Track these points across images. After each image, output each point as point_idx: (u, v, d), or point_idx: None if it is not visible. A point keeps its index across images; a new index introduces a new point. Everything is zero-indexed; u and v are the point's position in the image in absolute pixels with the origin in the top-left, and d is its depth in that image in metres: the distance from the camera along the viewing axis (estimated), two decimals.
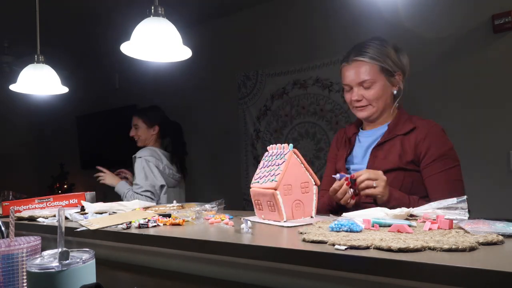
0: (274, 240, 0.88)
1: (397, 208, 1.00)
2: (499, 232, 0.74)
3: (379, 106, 1.40)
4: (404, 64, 1.42)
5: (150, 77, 4.29)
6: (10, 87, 1.94)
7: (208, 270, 0.97)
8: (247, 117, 3.85)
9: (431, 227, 0.83)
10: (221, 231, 1.01)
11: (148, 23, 1.40)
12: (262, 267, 0.86)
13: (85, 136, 5.45)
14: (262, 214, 1.14)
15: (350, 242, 0.71)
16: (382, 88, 1.38)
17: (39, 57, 1.92)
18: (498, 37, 2.55)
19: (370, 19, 2.99)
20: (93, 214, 1.39)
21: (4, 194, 2.14)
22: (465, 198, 0.89)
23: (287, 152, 1.11)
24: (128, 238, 1.06)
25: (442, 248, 0.65)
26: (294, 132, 3.55)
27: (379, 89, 1.37)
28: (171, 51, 1.55)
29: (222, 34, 4.04)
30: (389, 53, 1.38)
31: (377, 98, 1.38)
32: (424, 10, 2.77)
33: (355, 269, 0.66)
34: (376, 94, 1.37)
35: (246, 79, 3.85)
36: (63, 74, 2.17)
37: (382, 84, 1.37)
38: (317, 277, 0.77)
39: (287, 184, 1.06)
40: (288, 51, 3.52)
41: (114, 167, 2.86)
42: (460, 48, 2.69)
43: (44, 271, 0.70)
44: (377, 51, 1.37)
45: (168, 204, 1.68)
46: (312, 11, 3.40)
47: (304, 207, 1.09)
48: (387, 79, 1.38)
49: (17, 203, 1.59)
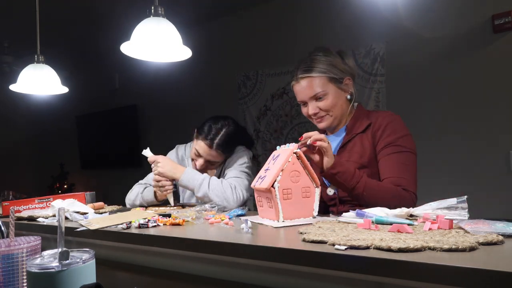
0: (274, 240, 0.88)
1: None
2: (499, 232, 0.74)
3: (336, 114, 1.43)
4: (351, 68, 1.46)
5: (150, 77, 4.29)
6: (10, 87, 1.94)
7: (208, 270, 0.97)
8: (247, 117, 3.85)
9: (431, 227, 0.83)
10: (221, 231, 1.01)
11: (148, 23, 1.40)
12: (262, 267, 0.86)
13: (85, 136, 5.46)
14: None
15: (350, 242, 0.71)
16: (335, 97, 1.41)
17: (39, 57, 1.92)
18: (498, 37, 2.55)
19: (370, 19, 2.99)
20: (93, 214, 1.39)
21: (4, 194, 2.14)
22: (465, 198, 0.89)
23: (286, 149, 1.12)
24: (128, 238, 1.06)
25: (442, 248, 0.65)
26: (294, 132, 3.55)
27: (332, 98, 1.40)
28: (171, 51, 1.55)
29: (222, 34, 4.04)
30: (334, 62, 1.41)
31: (332, 107, 1.41)
32: (424, 10, 2.77)
33: (355, 269, 0.66)
34: (330, 103, 1.40)
35: (246, 79, 3.85)
36: (63, 74, 2.17)
37: (333, 93, 1.41)
38: (317, 277, 0.77)
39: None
40: (288, 51, 3.52)
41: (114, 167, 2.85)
42: (460, 48, 2.69)
43: (44, 271, 0.70)
44: (322, 63, 1.40)
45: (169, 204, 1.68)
46: (313, 11, 3.40)
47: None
48: (337, 87, 1.42)
49: (17, 203, 1.59)
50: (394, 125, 1.36)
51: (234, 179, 1.59)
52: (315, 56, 1.42)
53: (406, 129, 1.37)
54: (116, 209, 1.60)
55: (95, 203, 1.60)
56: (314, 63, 1.41)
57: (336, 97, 1.41)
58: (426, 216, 0.93)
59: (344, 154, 1.41)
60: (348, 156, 1.39)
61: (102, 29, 4.09)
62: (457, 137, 2.71)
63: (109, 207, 1.64)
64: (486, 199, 2.50)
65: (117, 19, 3.66)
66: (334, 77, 1.40)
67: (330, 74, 1.39)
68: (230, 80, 3.96)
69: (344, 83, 1.43)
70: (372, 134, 1.37)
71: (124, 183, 3.31)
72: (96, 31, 4.19)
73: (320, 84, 1.39)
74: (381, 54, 3.01)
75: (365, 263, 0.65)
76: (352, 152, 1.39)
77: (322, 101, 1.40)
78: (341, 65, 1.42)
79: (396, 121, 1.37)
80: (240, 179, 1.60)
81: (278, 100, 3.63)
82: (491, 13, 2.55)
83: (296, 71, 1.45)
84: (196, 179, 1.55)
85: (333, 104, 1.41)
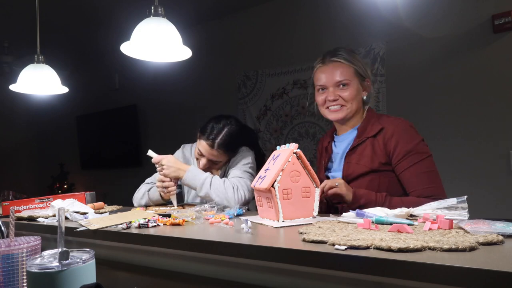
0: (274, 240, 0.88)
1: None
2: (499, 232, 0.74)
3: (353, 107, 1.43)
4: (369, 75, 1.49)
5: (150, 77, 4.29)
6: (10, 87, 1.94)
7: (208, 270, 0.97)
8: (247, 117, 3.85)
9: (431, 227, 0.83)
10: (221, 231, 1.01)
11: (148, 23, 1.40)
12: (262, 267, 0.86)
13: (85, 136, 5.46)
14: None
15: (350, 242, 0.71)
16: (357, 90, 1.43)
17: (39, 57, 1.92)
18: (498, 37, 2.55)
19: (370, 19, 2.99)
20: (93, 214, 1.39)
21: (4, 194, 2.14)
22: (465, 198, 0.89)
23: (286, 149, 1.12)
24: (128, 238, 1.06)
25: (442, 248, 0.65)
26: (294, 132, 3.55)
27: (354, 90, 1.41)
28: (171, 51, 1.55)
29: (222, 34, 4.04)
30: (359, 60, 1.45)
31: (352, 98, 1.42)
32: (424, 10, 2.77)
33: (355, 269, 0.66)
34: (351, 94, 1.41)
35: (246, 79, 3.85)
36: (63, 74, 2.17)
37: (356, 86, 1.42)
38: (317, 277, 0.77)
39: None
40: (288, 51, 3.53)
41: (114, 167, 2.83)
42: (460, 48, 2.69)
43: (44, 271, 0.70)
44: (353, 56, 1.44)
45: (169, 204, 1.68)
46: (312, 11, 3.40)
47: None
48: (360, 82, 1.44)
49: (17, 203, 1.59)
50: (408, 133, 1.35)
51: (237, 179, 1.58)
52: (349, 49, 1.46)
53: (419, 135, 1.37)
54: (116, 209, 1.60)
55: (95, 203, 1.60)
56: (348, 53, 1.43)
57: (357, 91, 1.43)
58: (426, 216, 0.93)
59: (354, 156, 1.40)
60: (357, 159, 1.38)
61: (102, 29, 4.09)
62: (457, 137, 2.71)
63: (109, 207, 1.64)
64: (486, 199, 2.50)
65: (117, 19, 3.66)
66: (359, 71, 1.42)
67: (357, 67, 1.42)
68: (230, 80, 3.96)
69: (366, 82, 1.45)
70: (384, 141, 1.36)
71: (124, 183, 3.31)
72: (96, 31, 4.19)
73: (348, 73, 1.41)
74: (381, 54, 3.01)
75: (365, 263, 0.65)
76: (362, 156, 1.38)
77: (344, 90, 1.41)
78: (366, 65, 1.46)
79: (409, 128, 1.37)
80: (242, 179, 1.59)
81: (278, 100, 3.63)
82: (491, 13, 2.55)
83: (323, 56, 1.46)
84: (198, 178, 1.54)
85: (353, 96, 1.41)
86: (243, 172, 1.63)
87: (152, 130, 4.74)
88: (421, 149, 1.32)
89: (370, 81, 1.47)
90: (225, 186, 1.52)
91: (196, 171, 1.58)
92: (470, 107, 2.66)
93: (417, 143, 1.33)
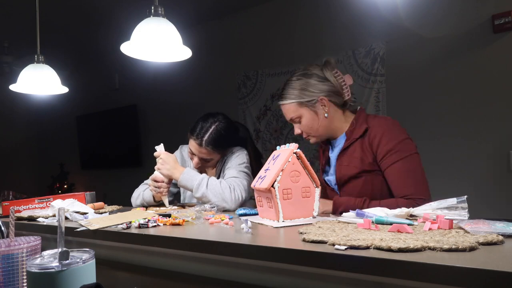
0: (274, 240, 0.88)
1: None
2: (499, 232, 0.74)
3: (319, 133, 1.46)
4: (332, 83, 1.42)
5: (150, 77, 4.30)
6: (10, 87, 1.94)
7: (208, 270, 0.97)
8: (247, 117, 3.85)
9: (431, 227, 0.83)
10: (221, 231, 1.01)
11: (148, 23, 1.40)
12: (262, 267, 0.86)
13: (85, 136, 5.46)
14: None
15: (350, 242, 0.71)
16: (310, 119, 1.43)
17: (39, 57, 1.92)
18: (498, 37, 2.55)
19: (370, 19, 2.99)
20: (93, 214, 1.39)
21: (4, 194, 2.14)
22: (465, 198, 0.89)
23: (286, 149, 1.12)
24: (128, 238, 1.06)
25: (442, 248, 0.65)
26: None
27: (307, 121, 1.43)
28: (171, 51, 1.55)
29: (222, 34, 4.04)
30: (307, 85, 1.41)
31: (309, 129, 1.45)
32: (424, 10, 2.77)
33: (355, 269, 0.66)
34: (307, 125, 1.44)
35: (246, 79, 3.85)
36: (63, 74, 2.17)
37: (307, 115, 1.43)
38: (317, 277, 0.77)
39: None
40: (288, 51, 3.53)
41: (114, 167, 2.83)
42: (460, 48, 2.69)
43: (44, 271, 0.70)
44: (294, 89, 1.43)
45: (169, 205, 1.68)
46: (312, 11, 3.40)
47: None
48: (310, 108, 1.42)
49: (17, 203, 1.59)
50: (390, 132, 1.34)
51: (233, 179, 1.59)
52: (289, 82, 1.46)
53: (404, 133, 1.36)
54: (116, 209, 1.60)
55: (95, 203, 1.60)
56: (287, 89, 1.45)
57: (311, 119, 1.43)
58: (426, 216, 0.93)
59: (345, 158, 1.41)
60: (348, 161, 1.39)
61: (102, 29, 4.09)
62: (457, 137, 2.71)
63: (109, 207, 1.64)
64: (486, 199, 2.50)
65: (117, 19, 3.66)
66: (304, 102, 1.41)
67: (301, 99, 1.41)
68: (230, 80, 3.96)
69: (320, 104, 1.41)
70: (369, 141, 1.36)
71: (124, 183, 3.31)
72: (96, 31, 4.19)
73: (292, 110, 1.44)
74: (381, 54, 3.01)
75: (365, 263, 0.65)
76: (352, 157, 1.39)
77: (300, 123, 1.45)
78: (316, 85, 1.41)
79: (392, 127, 1.36)
80: (238, 179, 1.60)
81: (278, 100, 3.63)
82: (491, 13, 2.56)
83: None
84: (194, 179, 1.54)
85: (309, 126, 1.44)
86: (238, 172, 1.64)
87: (152, 130, 4.74)
88: (403, 148, 1.32)
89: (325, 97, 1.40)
90: (222, 186, 1.53)
91: (192, 172, 1.58)
92: (470, 107, 2.66)
93: (400, 141, 1.32)
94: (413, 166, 1.31)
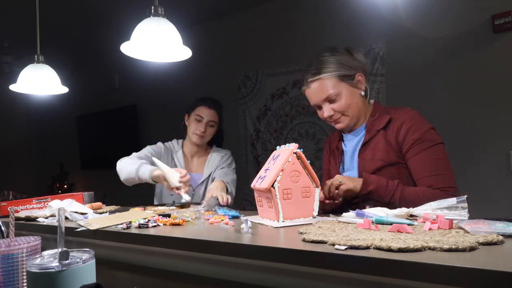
0: (274, 240, 0.88)
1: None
2: (499, 232, 0.74)
3: (353, 113, 1.39)
4: (362, 63, 1.40)
5: (150, 77, 4.29)
6: (10, 87, 1.94)
7: (208, 270, 0.97)
8: (247, 117, 3.85)
9: (431, 227, 0.83)
10: (221, 231, 1.01)
11: (148, 23, 1.40)
12: (262, 267, 0.86)
13: (85, 136, 5.46)
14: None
15: (350, 242, 0.71)
16: (349, 96, 1.36)
17: (39, 57, 1.92)
18: (498, 37, 2.55)
19: (370, 19, 2.99)
20: (93, 214, 1.39)
21: (4, 194, 2.14)
22: (465, 198, 0.89)
23: (286, 149, 1.12)
24: (128, 238, 1.06)
25: (442, 248, 0.65)
26: (294, 132, 3.55)
27: (346, 98, 1.36)
28: (171, 51, 1.55)
29: (222, 34, 4.04)
30: (342, 60, 1.36)
31: (347, 107, 1.37)
32: (424, 10, 2.77)
33: (355, 269, 0.66)
34: (345, 103, 1.36)
35: (246, 79, 3.85)
36: (63, 74, 2.17)
37: (346, 92, 1.36)
38: (317, 277, 0.77)
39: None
40: (288, 51, 3.52)
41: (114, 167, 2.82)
42: (460, 47, 2.69)
43: (44, 271, 0.70)
44: (331, 63, 1.36)
45: None
46: (312, 11, 3.40)
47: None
48: (350, 84, 1.37)
49: (15, 203, 1.59)
50: (417, 122, 1.32)
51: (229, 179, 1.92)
52: (323, 57, 1.38)
53: (429, 124, 1.34)
54: (114, 209, 1.60)
55: (93, 203, 1.60)
56: (322, 64, 1.36)
57: (350, 96, 1.36)
58: (426, 216, 0.93)
59: (367, 152, 1.36)
60: (372, 154, 1.35)
61: (102, 29, 4.09)
62: (457, 137, 2.70)
63: (108, 207, 1.64)
64: (486, 199, 2.50)
65: (117, 19, 3.66)
66: (345, 75, 1.35)
67: (341, 72, 1.35)
68: (230, 80, 3.95)
69: (356, 79, 1.37)
70: (394, 132, 1.33)
71: None
72: (96, 31, 4.19)
73: (332, 85, 1.34)
74: (381, 54, 3.01)
75: (365, 263, 0.65)
76: (376, 150, 1.34)
77: (336, 102, 1.36)
78: (351, 61, 1.37)
79: (418, 116, 1.34)
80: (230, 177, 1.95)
81: (278, 100, 3.63)
82: (491, 13, 2.55)
83: (305, 75, 1.40)
84: None
85: (348, 104, 1.36)
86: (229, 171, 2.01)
87: (152, 130, 4.74)
88: (429, 137, 1.29)
89: (362, 74, 1.38)
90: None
91: None
92: (470, 107, 2.66)
93: (427, 130, 1.30)
94: (442, 155, 1.30)
